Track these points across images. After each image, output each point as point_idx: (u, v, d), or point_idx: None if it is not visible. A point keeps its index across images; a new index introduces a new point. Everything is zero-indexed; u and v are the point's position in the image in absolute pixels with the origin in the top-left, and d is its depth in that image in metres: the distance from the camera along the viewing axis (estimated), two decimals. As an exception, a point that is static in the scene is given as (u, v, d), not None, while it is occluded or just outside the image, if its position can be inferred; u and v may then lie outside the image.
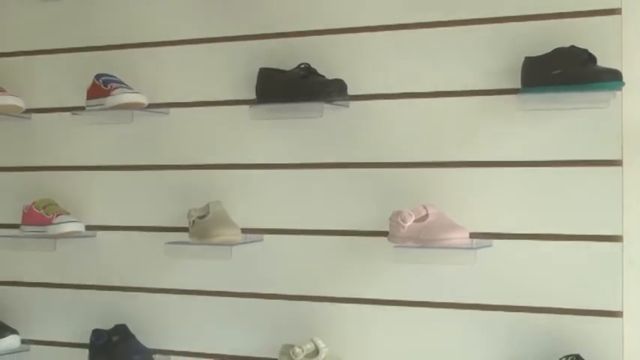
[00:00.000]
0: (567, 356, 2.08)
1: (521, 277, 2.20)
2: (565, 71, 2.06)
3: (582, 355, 2.07)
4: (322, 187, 2.41)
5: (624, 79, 2.03)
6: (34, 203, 2.64)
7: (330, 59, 2.38)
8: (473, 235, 2.18)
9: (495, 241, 2.21)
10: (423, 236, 2.15)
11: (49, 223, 2.58)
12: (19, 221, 2.69)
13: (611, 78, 2.01)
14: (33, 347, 2.72)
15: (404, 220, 2.18)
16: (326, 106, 2.31)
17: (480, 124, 2.25)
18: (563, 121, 2.16)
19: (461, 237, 2.13)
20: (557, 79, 2.07)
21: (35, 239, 2.62)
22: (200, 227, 2.39)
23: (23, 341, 2.68)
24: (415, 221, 2.18)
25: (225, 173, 2.51)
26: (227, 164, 2.51)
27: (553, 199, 2.18)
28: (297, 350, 2.28)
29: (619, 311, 2.12)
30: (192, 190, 2.54)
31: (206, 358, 2.53)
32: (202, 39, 2.55)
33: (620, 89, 2.05)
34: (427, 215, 2.18)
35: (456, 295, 2.26)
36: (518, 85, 2.16)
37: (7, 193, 2.81)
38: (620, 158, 2.12)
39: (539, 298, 2.18)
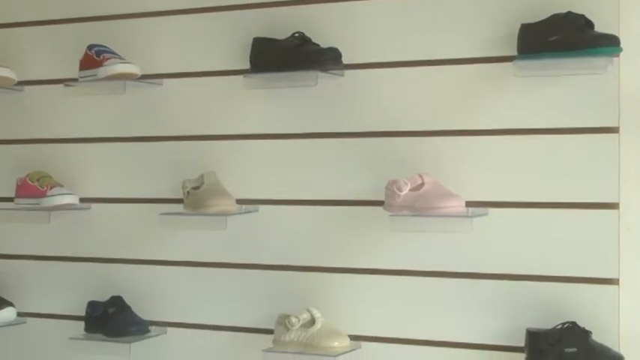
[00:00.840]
0: (564, 323, 2.08)
1: (517, 245, 2.20)
2: (562, 37, 2.04)
3: (579, 323, 2.07)
4: (317, 157, 2.40)
5: (622, 45, 2.01)
6: (27, 176, 2.63)
7: (324, 28, 2.36)
8: (469, 204, 2.17)
9: (491, 210, 2.20)
10: (418, 205, 2.14)
11: (43, 195, 2.56)
12: (12, 194, 2.68)
13: (609, 43, 2.00)
14: (29, 320, 2.72)
15: (399, 189, 2.17)
16: (320, 75, 2.29)
17: (476, 92, 2.24)
18: (560, 88, 2.14)
19: (457, 205, 2.12)
20: (554, 45, 2.05)
21: (29, 212, 2.61)
22: (195, 198, 2.38)
23: (19, 314, 2.69)
24: (411, 190, 2.17)
25: (220, 144, 2.50)
26: (221, 135, 2.50)
27: (549, 167, 2.17)
28: (294, 320, 2.28)
29: (615, 279, 2.11)
30: (186, 161, 2.52)
31: (202, 329, 2.52)
32: (196, 9, 2.53)
33: (618, 55, 2.04)
34: (423, 184, 2.17)
35: (452, 263, 2.25)
36: (515, 53, 2.14)
37: (0, 166, 2.79)
38: (617, 125, 2.11)
39: (535, 266, 2.18)
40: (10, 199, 2.69)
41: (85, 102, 2.64)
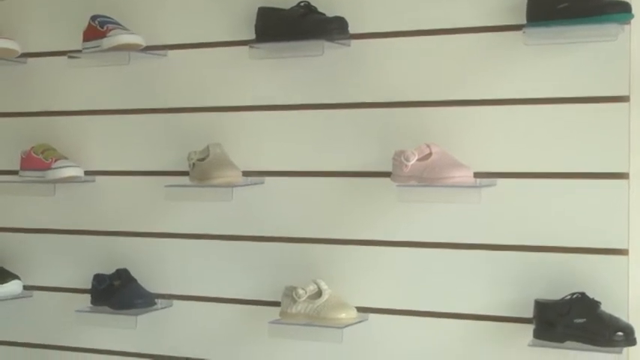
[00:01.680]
0: (573, 294, 2.07)
1: (525, 216, 2.18)
2: (571, 4, 2.01)
3: (588, 293, 2.06)
4: (323, 127, 2.37)
5: (633, 11, 1.97)
6: (32, 148, 2.61)
7: (330, -3, 2.33)
8: (477, 175, 2.15)
9: (500, 180, 2.18)
10: (426, 175, 2.12)
11: (48, 167, 2.55)
12: (17, 167, 2.67)
13: (620, 10, 1.96)
14: (35, 293, 2.71)
15: (407, 159, 2.15)
16: (326, 45, 2.26)
17: (485, 61, 2.21)
18: (570, 56, 2.11)
19: (465, 175, 2.10)
20: (563, 12, 2.02)
21: (34, 184, 2.60)
22: (200, 169, 2.36)
23: (25, 287, 2.68)
24: (418, 160, 2.15)
25: (225, 115, 2.48)
26: (227, 106, 2.48)
27: (558, 136, 2.14)
28: (300, 292, 2.27)
29: (625, 249, 2.10)
30: (191, 133, 2.50)
31: (209, 301, 2.52)
32: (200, -21, 2.51)
33: (629, 22, 2.00)
34: (430, 154, 2.15)
35: (460, 235, 2.24)
36: (523, 21, 2.10)
37: (4, 140, 2.78)
38: (628, 94, 2.08)
39: (544, 236, 2.16)
40: (14, 172, 2.68)
41: (89, 74, 2.62)
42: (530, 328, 2.11)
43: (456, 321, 2.25)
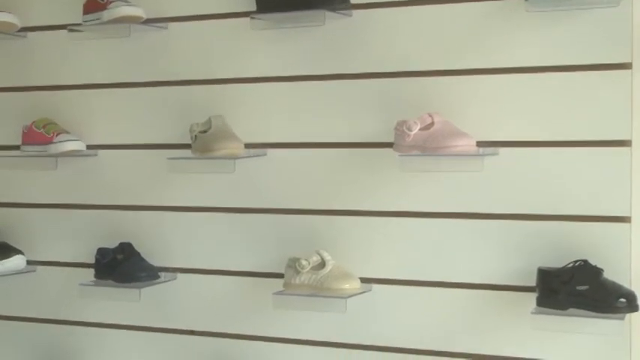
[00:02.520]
0: (575, 261, 2.07)
1: (528, 184, 2.18)
2: (573, -30, 2.01)
3: (590, 261, 2.06)
4: (325, 98, 2.37)
5: (635, -23, 1.97)
6: (33, 123, 2.61)
7: (331, -33, 2.32)
8: (479, 144, 2.15)
9: (502, 149, 2.18)
10: (428, 144, 2.12)
11: (50, 142, 2.55)
12: (19, 142, 2.66)
13: (622, -25, 1.96)
14: (39, 268, 2.72)
15: (409, 129, 2.15)
16: (328, 15, 2.25)
17: (487, 29, 2.20)
18: (572, 23, 2.10)
19: (467, 144, 2.10)
20: (565, -22, 2.01)
21: (36, 159, 2.59)
22: (202, 141, 2.36)
23: (29, 262, 2.69)
24: (421, 129, 2.14)
25: (227, 87, 2.47)
26: (228, 78, 2.47)
27: (560, 105, 2.14)
28: (304, 262, 2.27)
29: (627, 217, 2.10)
30: (193, 105, 2.50)
31: (212, 274, 2.52)
32: (200, -50, 2.49)
33: (631, -12, 2.00)
34: (433, 123, 2.15)
35: (463, 204, 2.24)
36: (526, -12, 2.10)
37: (5, 115, 2.77)
38: (630, 61, 2.07)
39: (546, 205, 2.16)
40: (16, 147, 2.68)
41: (90, 47, 2.61)
42: (533, 297, 2.11)
43: (459, 290, 2.25)
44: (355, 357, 2.36)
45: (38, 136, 2.58)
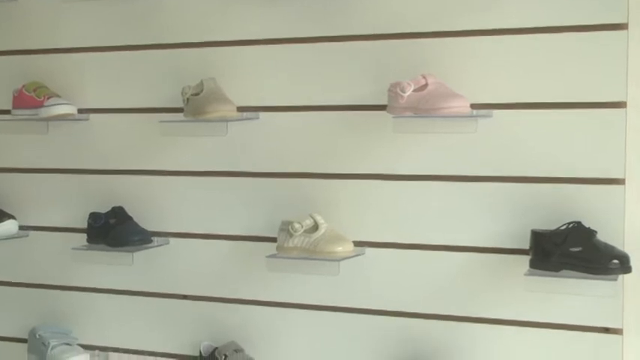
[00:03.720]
0: (569, 223, 2.07)
1: (522, 146, 2.17)
2: None
3: (584, 223, 2.06)
4: (319, 61, 2.35)
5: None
6: (23, 86, 2.59)
7: None
8: (473, 106, 2.13)
9: (496, 112, 2.16)
10: (422, 106, 2.10)
11: (41, 105, 2.52)
12: (9, 107, 2.64)
13: None
14: (31, 233, 2.71)
15: (403, 90, 2.13)
16: (321, -24, 2.24)
17: (481, -10, 2.18)
18: (566, -17, 2.09)
19: (461, 105, 2.08)
20: (561, -62, 1.99)
21: (27, 123, 2.57)
22: (195, 104, 2.34)
23: (21, 227, 2.67)
24: (414, 91, 2.13)
25: (220, 50, 2.45)
26: (221, 41, 2.44)
27: (555, 66, 2.12)
28: (297, 226, 2.26)
29: (621, 179, 2.09)
30: (185, 68, 2.47)
31: (205, 238, 2.51)
32: None
33: (627, -53, 1.98)
34: (427, 85, 2.13)
35: (457, 167, 2.23)
36: (521, -52, 2.08)
37: (-5, 79, 2.75)
38: (626, 22, 2.06)
39: (540, 167, 2.15)
40: (6, 112, 2.65)
41: (81, 10, 2.59)
42: (526, 259, 2.11)
43: (452, 253, 2.25)
44: (348, 320, 2.36)
45: (29, 99, 2.55)
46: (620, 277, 2.03)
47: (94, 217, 2.55)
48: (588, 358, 2.14)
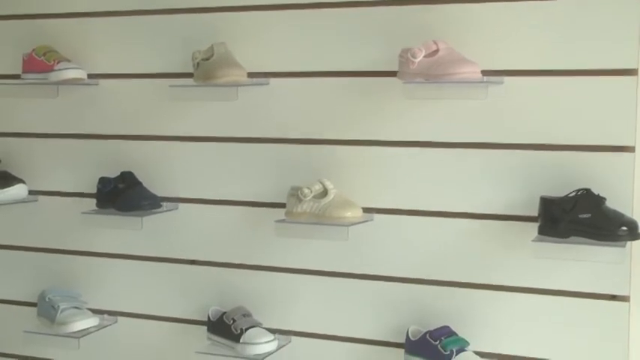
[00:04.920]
0: (578, 190, 2.07)
1: (532, 114, 2.16)
2: None
3: (593, 190, 2.06)
4: (329, 27, 2.34)
5: None
6: (34, 50, 2.58)
7: None
8: (484, 73, 2.12)
9: (507, 78, 2.16)
10: (433, 71, 2.10)
11: (51, 69, 2.52)
12: (19, 72, 2.63)
13: None
14: (40, 198, 2.72)
15: (414, 56, 2.13)
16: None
17: (493, -44, 2.17)
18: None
19: (472, 71, 2.08)
20: None
21: (37, 87, 2.57)
22: (205, 69, 2.33)
23: (31, 192, 2.68)
24: (425, 57, 2.12)
25: (230, 15, 2.44)
26: (232, 6, 2.43)
27: (566, 33, 2.12)
28: (306, 191, 2.27)
29: (631, 146, 2.09)
30: (195, 33, 2.46)
31: (214, 204, 2.52)
32: None
33: None
34: (437, 50, 2.13)
35: (466, 134, 2.23)
36: None
37: (5, 43, 2.74)
38: (640, -15, 2.05)
39: (551, 134, 2.15)
40: (16, 76, 2.65)
41: (91, -26, 2.59)
42: (535, 227, 2.11)
43: (461, 220, 2.26)
44: (356, 286, 2.38)
45: (39, 63, 2.55)
46: (629, 243, 2.03)
47: (103, 181, 2.56)
48: (595, 325, 2.15)
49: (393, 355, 2.33)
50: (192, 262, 2.57)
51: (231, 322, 2.40)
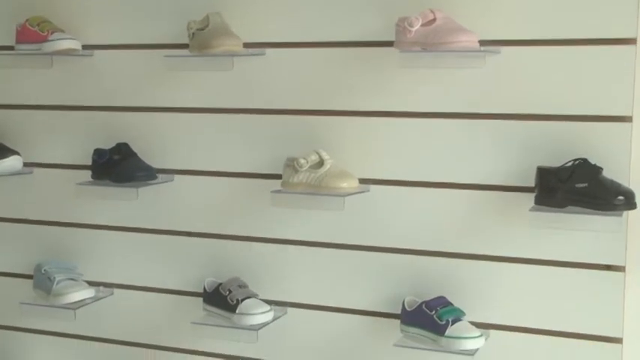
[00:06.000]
0: (574, 160, 2.07)
1: (530, 84, 2.15)
2: None
3: (590, 160, 2.06)
4: (326, -3, 2.33)
5: None
6: (27, 21, 2.56)
7: None
8: (481, 43, 2.11)
9: (504, 48, 2.15)
10: (430, 40, 2.09)
11: (45, 40, 2.50)
12: (13, 43, 2.61)
13: None
14: (35, 170, 2.71)
15: (411, 25, 2.11)
16: None
17: None
18: None
19: (469, 40, 2.07)
20: None
21: (31, 57, 2.55)
22: (200, 39, 2.32)
23: (25, 164, 2.67)
24: (422, 25, 2.11)
25: (225, -15, 2.43)
26: (226, -24, 2.42)
27: (563, 1, 2.10)
28: (302, 161, 2.26)
29: (629, 116, 2.08)
30: (190, 3, 2.44)
31: (209, 175, 2.51)
32: None
33: None
34: (435, 19, 2.11)
35: (463, 104, 2.22)
36: None
37: (-1, 14, 2.73)
38: (639, -46, 2.04)
39: (548, 104, 2.14)
40: (10, 47, 2.63)
41: (84, -57, 2.56)
42: (532, 197, 2.11)
43: (457, 191, 2.25)
44: (352, 257, 2.38)
45: (32, 34, 2.53)
46: (625, 213, 2.03)
47: (98, 153, 2.55)
48: (590, 295, 2.16)
49: (389, 326, 2.33)
50: (188, 233, 2.57)
51: (227, 293, 2.40)
